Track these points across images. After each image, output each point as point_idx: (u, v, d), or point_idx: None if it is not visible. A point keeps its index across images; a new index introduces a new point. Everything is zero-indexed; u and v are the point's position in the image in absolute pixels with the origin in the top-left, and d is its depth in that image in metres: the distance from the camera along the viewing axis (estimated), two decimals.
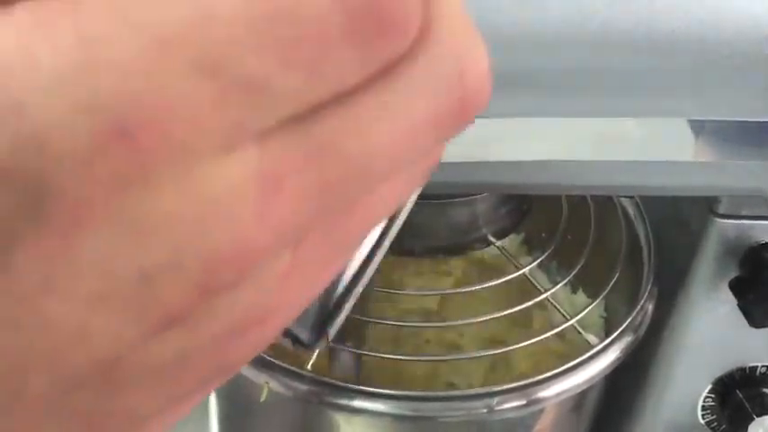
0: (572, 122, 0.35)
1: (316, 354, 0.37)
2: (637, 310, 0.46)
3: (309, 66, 0.11)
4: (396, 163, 0.12)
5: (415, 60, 0.12)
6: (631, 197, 0.52)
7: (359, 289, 0.29)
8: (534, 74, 0.33)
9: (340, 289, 0.28)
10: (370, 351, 0.44)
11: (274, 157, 0.11)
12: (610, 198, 0.52)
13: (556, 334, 0.44)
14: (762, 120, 0.35)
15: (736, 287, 0.44)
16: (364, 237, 0.14)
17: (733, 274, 0.45)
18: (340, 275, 0.28)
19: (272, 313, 0.13)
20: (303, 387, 0.40)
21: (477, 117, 0.40)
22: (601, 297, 0.46)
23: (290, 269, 0.12)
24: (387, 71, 0.12)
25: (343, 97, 0.12)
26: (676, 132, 0.36)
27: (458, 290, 0.48)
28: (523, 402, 0.42)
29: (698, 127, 0.36)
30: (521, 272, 0.44)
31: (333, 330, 0.28)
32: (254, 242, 0.11)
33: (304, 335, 0.26)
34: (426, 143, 0.13)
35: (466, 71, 0.13)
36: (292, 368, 0.40)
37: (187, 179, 0.10)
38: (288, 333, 0.26)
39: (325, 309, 0.27)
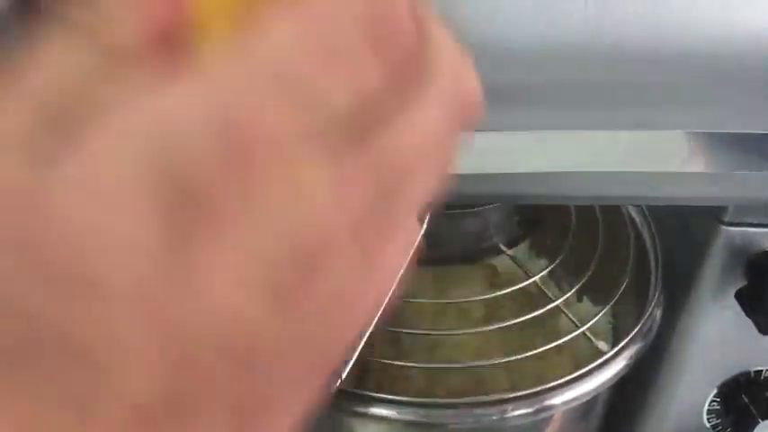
0: (581, 135, 0.36)
1: None
2: (645, 317, 0.46)
3: (349, 74, 0.16)
4: (426, 157, 0.18)
5: (428, 85, 0.18)
6: (638, 206, 0.52)
7: (368, 333, 0.30)
8: (546, 88, 0.34)
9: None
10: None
11: (344, 163, 0.16)
12: (617, 206, 0.52)
13: (562, 342, 0.45)
14: (766, 132, 0.36)
15: (742, 298, 0.45)
16: (408, 224, 0.19)
17: (739, 280, 0.45)
18: None
19: (349, 296, 0.16)
20: None
21: (489, 131, 0.40)
22: (610, 305, 0.46)
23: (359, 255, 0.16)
24: (408, 93, 0.17)
25: (384, 117, 0.17)
26: (683, 144, 0.37)
27: (465, 299, 0.49)
28: (534, 409, 0.42)
29: (704, 139, 0.36)
30: (531, 280, 0.44)
31: (345, 373, 0.30)
32: (334, 221, 0.15)
33: None
34: (443, 139, 0.18)
35: (464, 88, 0.19)
36: None
37: (286, 177, 0.15)
38: None
39: None
